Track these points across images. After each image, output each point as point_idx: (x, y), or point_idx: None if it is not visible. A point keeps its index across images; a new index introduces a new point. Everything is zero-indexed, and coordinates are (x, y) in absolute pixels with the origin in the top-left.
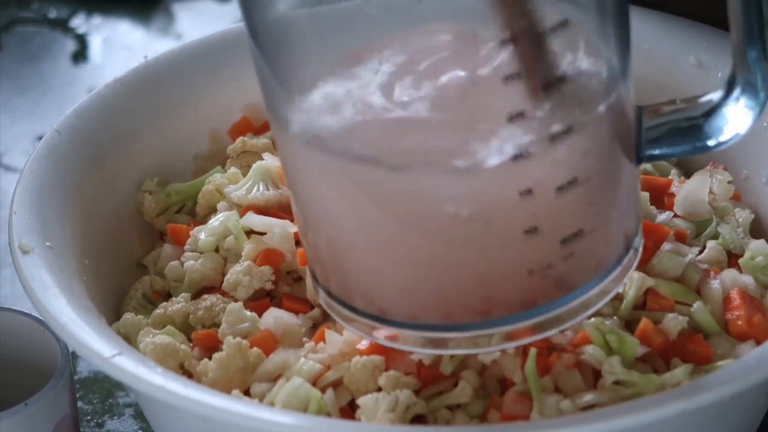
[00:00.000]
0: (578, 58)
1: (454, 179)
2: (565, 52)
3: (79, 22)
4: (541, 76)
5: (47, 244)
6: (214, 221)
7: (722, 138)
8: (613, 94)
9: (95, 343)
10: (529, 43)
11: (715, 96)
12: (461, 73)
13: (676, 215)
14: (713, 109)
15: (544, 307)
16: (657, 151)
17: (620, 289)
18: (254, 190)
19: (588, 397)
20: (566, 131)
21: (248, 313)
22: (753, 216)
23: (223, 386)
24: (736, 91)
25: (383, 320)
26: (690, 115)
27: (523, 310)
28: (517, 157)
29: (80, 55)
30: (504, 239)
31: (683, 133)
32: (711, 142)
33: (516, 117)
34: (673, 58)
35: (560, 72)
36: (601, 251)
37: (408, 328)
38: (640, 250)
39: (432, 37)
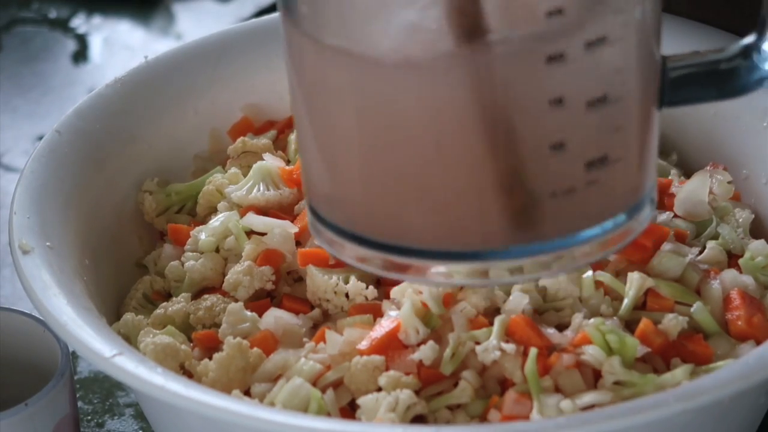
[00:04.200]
0: None
1: (482, 76)
2: None
3: (79, 22)
4: None
5: (47, 244)
6: (215, 221)
7: (763, 73)
8: (646, 23)
9: (95, 343)
10: None
11: (749, 39)
12: None
13: (676, 215)
14: (751, 47)
15: (562, 240)
16: (679, 95)
17: (640, 231)
18: (255, 191)
19: (588, 397)
20: (602, 39)
21: (248, 313)
22: (753, 216)
23: (224, 386)
24: None
25: (407, 250)
26: (722, 57)
27: (539, 240)
28: (551, 59)
29: (80, 55)
30: (530, 151)
31: (709, 78)
32: (754, 78)
33: (554, 13)
34: None
35: None
36: (623, 186)
37: (434, 258)
38: (656, 202)
39: None
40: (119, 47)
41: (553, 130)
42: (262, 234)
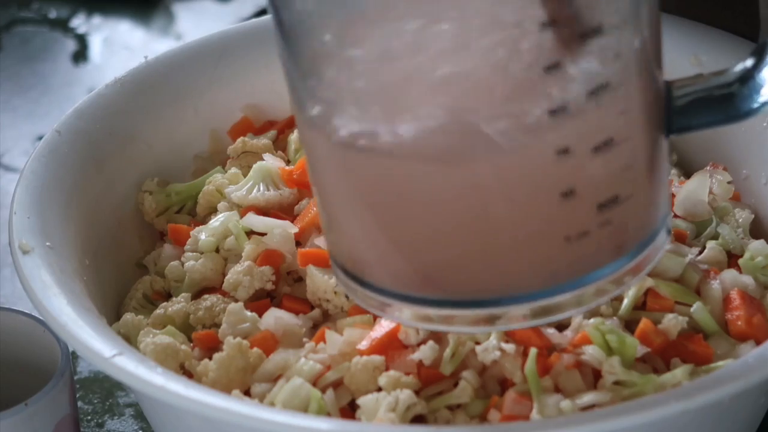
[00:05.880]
0: (612, 13)
1: (490, 139)
2: (599, 3)
3: (79, 22)
4: (574, 25)
5: (47, 244)
6: (215, 221)
7: (762, 99)
8: (647, 55)
9: (95, 343)
10: None
11: (748, 62)
12: (492, 28)
13: (676, 215)
14: (749, 74)
15: (579, 279)
16: (687, 122)
17: (655, 261)
18: (255, 191)
19: (588, 397)
20: (604, 87)
21: (248, 313)
22: (753, 216)
23: (224, 386)
24: None
25: (412, 299)
26: (722, 82)
27: (558, 282)
28: (554, 112)
29: (80, 55)
30: (541, 202)
31: (714, 103)
32: (754, 105)
33: (553, 68)
34: (673, 58)
35: (597, 22)
36: (636, 223)
37: (441, 306)
38: (672, 231)
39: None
40: (119, 47)
41: (563, 178)
42: (262, 234)
